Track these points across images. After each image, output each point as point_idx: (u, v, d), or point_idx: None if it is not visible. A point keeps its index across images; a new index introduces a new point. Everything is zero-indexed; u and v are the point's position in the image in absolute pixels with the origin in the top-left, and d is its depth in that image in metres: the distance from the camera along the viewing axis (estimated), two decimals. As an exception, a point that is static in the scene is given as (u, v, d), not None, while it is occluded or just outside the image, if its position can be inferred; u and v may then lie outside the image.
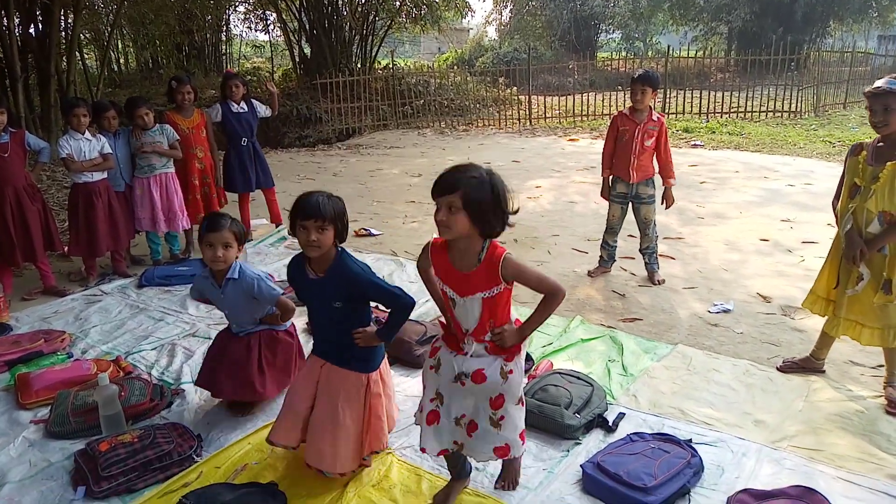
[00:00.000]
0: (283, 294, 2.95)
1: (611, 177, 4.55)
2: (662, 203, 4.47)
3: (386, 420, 2.56)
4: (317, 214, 2.28)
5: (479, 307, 2.09)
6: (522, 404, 2.23)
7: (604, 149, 4.54)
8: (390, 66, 15.08)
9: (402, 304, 2.39)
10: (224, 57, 19.58)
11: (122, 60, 18.99)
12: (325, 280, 2.39)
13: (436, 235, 2.14)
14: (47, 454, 2.70)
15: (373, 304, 2.54)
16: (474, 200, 1.93)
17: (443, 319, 2.28)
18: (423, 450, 2.24)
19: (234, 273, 2.84)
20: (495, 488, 2.40)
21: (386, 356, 2.65)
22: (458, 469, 2.38)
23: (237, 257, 2.86)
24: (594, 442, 2.70)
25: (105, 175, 4.69)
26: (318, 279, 2.41)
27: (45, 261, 4.60)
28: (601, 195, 4.65)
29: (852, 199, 2.98)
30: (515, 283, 2.11)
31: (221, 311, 3.08)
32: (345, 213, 2.41)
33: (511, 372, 2.16)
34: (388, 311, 2.45)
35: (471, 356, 2.16)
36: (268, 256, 5.37)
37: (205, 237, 2.78)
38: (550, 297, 2.10)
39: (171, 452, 2.60)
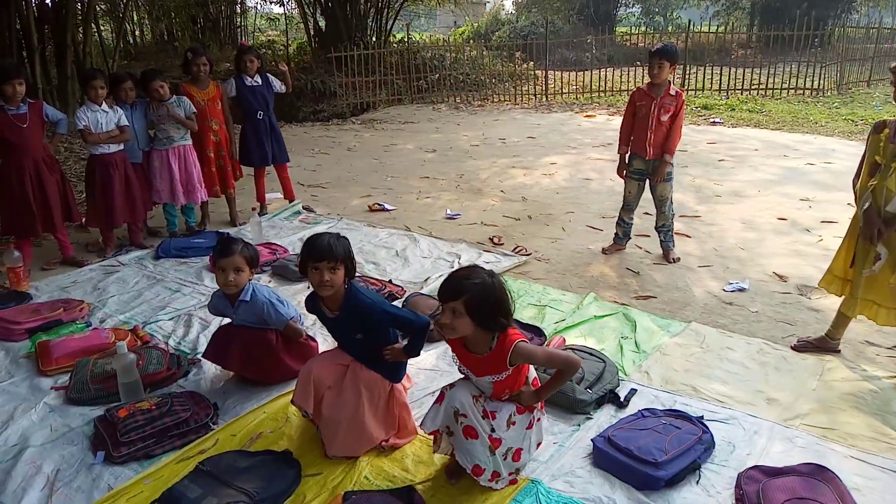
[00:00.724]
0: (292, 319, 3.00)
1: (628, 153, 4.49)
2: (662, 179, 4.37)
3: (411, 419, 2.62)
4: (329, 256, 2.36)
5: (492, 386, 2.23)
6: (513, 458, 2.24)
7: (622, 125, 4.48)
8: (405, 39, 14.93)
9: (417, 328, 2.46)
10: (239, 30, 19.46)
11: (137, 32, 18.93)
12: (342, 317, 2.50)
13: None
14: (68, 419, 2.77)
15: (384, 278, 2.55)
16: (476, 306, 2.05)
17: None
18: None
19: (245, 296, 2.91)
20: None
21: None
22: None
23: (249, 279, 2.93)
24: (605, 417, 2.71)
25: (122, 147, 4.71)
26: (335, 317, 2.52)
27: (64, 231, 4.66)
28: (617, 172, 4.60)
29: (872, 177, 2.94)
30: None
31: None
32: (352, 253, 2.48)
33: (514, 424, 2.24)
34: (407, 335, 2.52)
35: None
36: (283, 230, 5.39)
37: (217, 262, 2.86)
38: (564, 372, 2.20)
39: (188, 420, 2.65)
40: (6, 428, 2.71)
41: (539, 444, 2.42)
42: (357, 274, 3.90)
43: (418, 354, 2.55)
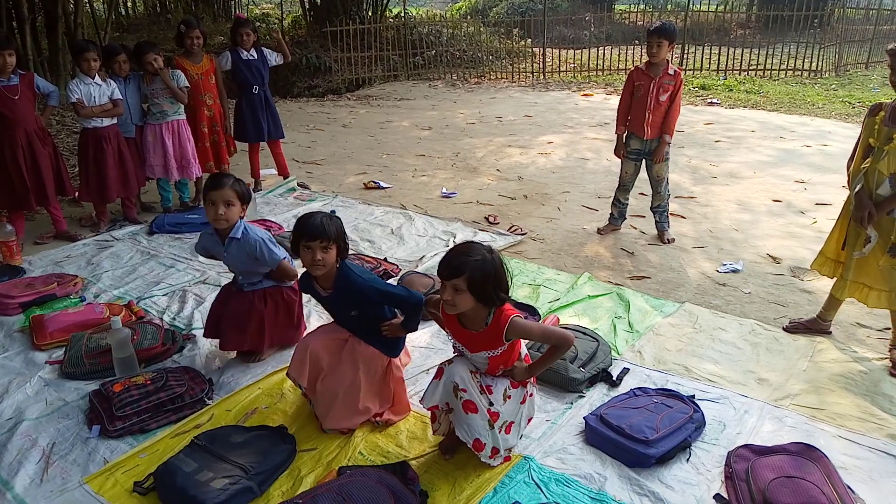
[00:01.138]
0: (284, 259, 2.96)
1: (625, 133, 4.47)
2: (662, 160, 4.36)
3: (405, 395, 2.65)
4: (321, 235, 2.36)
5: (487, 361, 2.25)
6: (505, 430, 2.27)
7: (619, 104, 4.45)
8: (402, 14, 14.74)
9: (411, 305, 2.46)
10: (233, 2, 19.15)
11: (129, 4, 18.63)
12: (335, 296, 2.51)
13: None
14: (62, 394, 2.78)
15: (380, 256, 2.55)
16: (477, 282, 2.08)
17: None
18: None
19: (237, 233, 2.86)
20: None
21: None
22: None
23: (241, 216, 2.88)
24: (598, 396, 2.74)
25: (115, 121, 4.66)
26: (329, 295, 2.52)
27: (57, 205, 4.63)
28: (615, 153, 4.59)
29: (866, 159, 2.94)
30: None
31: (227, 266, 3.10)
32: (345, 233, 2.47)
33: (509, 398, 2.27)
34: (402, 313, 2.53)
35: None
36: (277, 206, 5.37)
37: (207, 195, 2.80)
38: (558, 348, 2.23)
39: (184, 395, 2.66)
40: (1, 401, 2.72)
41: (530, 420, 2.45)
42: (352, 251, 3.92)
43: (416, 329, 2.56)
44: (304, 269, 2.52)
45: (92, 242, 4.57)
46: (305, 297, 3.23)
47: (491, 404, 2.23)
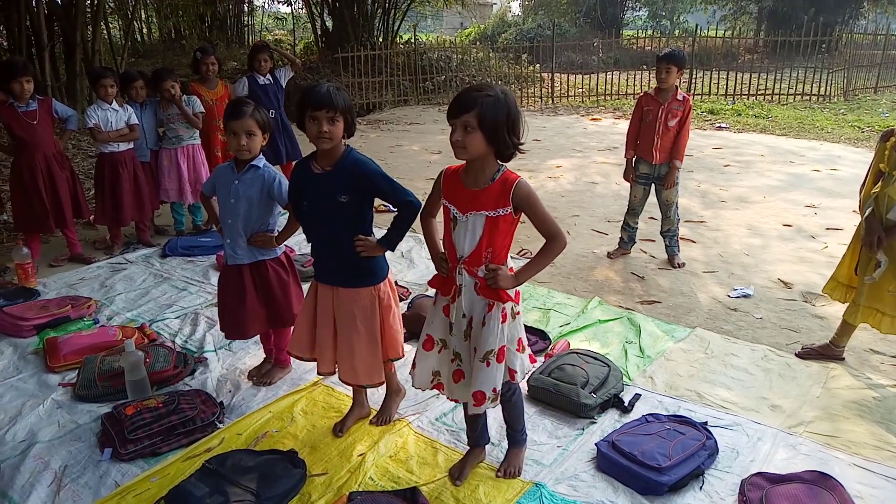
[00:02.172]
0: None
1: (634, 158, 4.50)
2: (672, 185, 4.37)
3: (399, 328, 2.61)
4: (328, 104, 2.24)
5: (481, 228, 2.07)
6: (496, 359, 2.12)
7: (628, 129, 4.49)
8: (412, 40, 14.95)
9: (410, 200, 2.39)
10: (246, 28, 19.53)
11: (145, 30, 19.02)
12: (334, 172, 2.36)
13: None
14: (75, 416, 2.79)
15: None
16: (490, 119, 1.93)
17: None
18: (455, 400, 2.33)
19: (258, 162, 2.78)
20: (496, 476, 2.39)
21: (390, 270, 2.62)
22: (476, 437, 2.42)
23: (262, 146, 2.79)
24: (609, 422, 2.72)
25: (131, 145, 4.74)
26: (324, 173, 2.37)
27: (73, 228, 4.69)
28: (624, 177, 4.60)
29: (877, 184, 2.95)
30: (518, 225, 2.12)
31: (221, 220, 2.90)
32: (353, 107, 2.37)
33: (484, 325, 2.13)
34: (395, 211, 2.45)
35: (462, 298, 2.14)
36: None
37: (228, 125, 2.69)
38: (550, 243, 2.09)
39: (195, 418, 2.67)
40: (14, 423, 2.74)
41: (530, 358, 2.29)
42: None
43: (394, 247, 2.47)
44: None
45: (106, 265, 4.62)
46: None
47: (475, 351, 2.14)
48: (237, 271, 2.87)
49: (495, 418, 2.58)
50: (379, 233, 2.50)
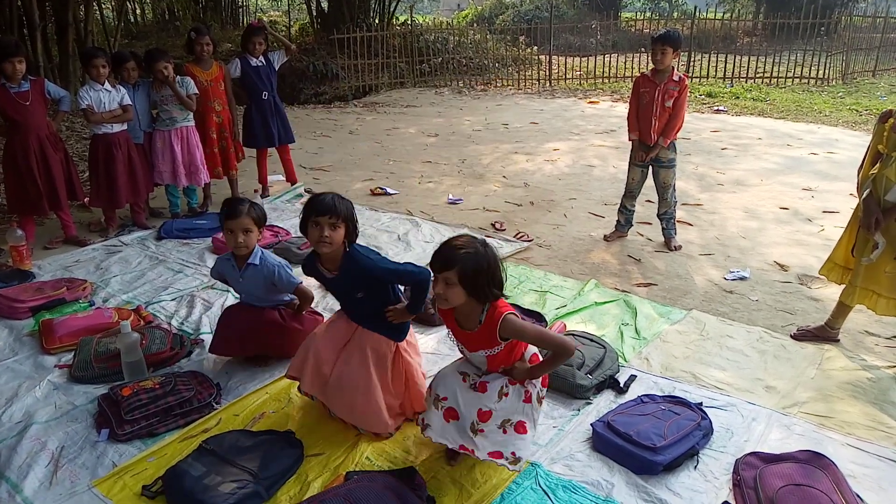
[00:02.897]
0: (301, 283, 2.98)
1: (636, 139, 4.46)
2: (660, 164, 4.37)
3: (423, 383, 2.61)
4: (331, 211, 2.35)
5: (486, 359, 2.24)
6: (515, 430, 2.20)
7: (628, 112, 4.46)
8: (409, 22, 14.81)
9: (418, 280, 2.45)
10: (241, 10, 19.32)
11: (138, 11, 18.79)
12: (341, 277, 2.49)
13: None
14: (72, 397, 2.79)
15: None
16: (469, 275, 2.05)
17: None
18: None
19: (255, 259, 2.89)
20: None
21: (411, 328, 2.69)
22: None
23: (258, 240, 2.92)
24: (605, 402, 2.73)
25: (125, 127, 4.70)
26: (334, 277, 2.51)
27: (67, 210, 4.66)
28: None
29: (875, 166, 2.94)
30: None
31: (238, 294, 3.14)
32: (355, 216, 2.47)
33: (507, 395, 2.22)
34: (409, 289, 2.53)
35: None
36: (284, 212, 5.39)
37: (225, 224, 2.83)
38: (557, 355, 2.18)
39: (192, 399, 2.67)
40: (11, 405, 2.74)
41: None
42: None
43: (421, 310, 2.55)
44: (310, 250, 2.55)
45: (101, 247, 4.60)
46: (317, 293, 3.24)
47: (483, 404, 2.19)
48: (261, 308, 3.01)
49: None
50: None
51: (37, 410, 2.70)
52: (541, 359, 2.31)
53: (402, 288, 2.71)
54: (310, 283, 2.98)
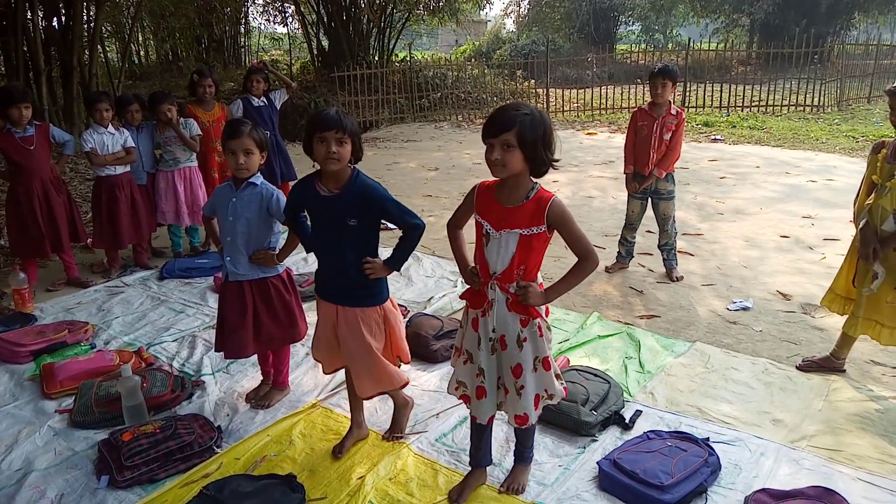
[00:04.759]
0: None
1: (633, 171, 4.49)
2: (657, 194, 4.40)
3: (404, 339, 2.65)
4: (337, 125, 2.28)
5: (515, 245, 2.10)
6: (548, 367, 2.20)
7: (625, 144, 4.50)
8: (408, 58, 15.06)
9: (416, 223, 2.44)
10: (243, 49, 19.69)
11: (142, 53, 19.17)
12: (341, 195, 2.38)
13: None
14: (72, 443, 2.76)
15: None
16: (529, 137, 1.97)
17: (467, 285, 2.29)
18: (473, 418, 2.33)
19: (256, 179, 2.80)
20: (499, 492, 2.38)
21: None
22: (479, 457, 2.40)
23: (261, 164, 2.82)
24: (611, 439, 2.70)
25: (128, 168, 4.75)
26: (331, 195, 2.39)
27: (70, 252, 4.68)
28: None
29: (870, 196, 2.96)
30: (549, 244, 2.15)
31: (221, 238, 2.92)
32: (360, 132, 2.41)
33: (525, 340, 2.17)
34: (400, 233, 2.50)
35: (494, 313, 2.17)
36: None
37: (226, 144, 2.73)
38: (583, 262, 2.12)
39: (192, 443, 2.64)
40: (10, 452, 2.71)
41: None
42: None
43: (399, 268, 2.52)
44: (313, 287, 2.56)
45: (103, 289, 4.61)
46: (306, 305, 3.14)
47: (512, 360, 2.18)
48: (238, 287, 2.88)
49: (496, 437, 2.57)
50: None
51: (36, 457, 2.67)
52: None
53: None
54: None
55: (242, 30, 19.46)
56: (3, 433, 2.86)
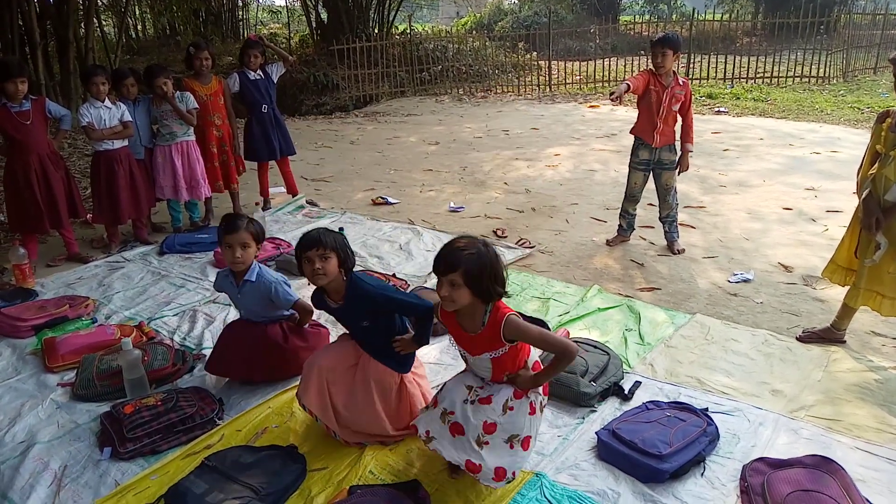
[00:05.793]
0: (299, 300, 2.98)
1: (634, 143, 4.44)
2: (676, 168, 4.39)
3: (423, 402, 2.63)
4: (316, 244, 2.37)
5: (490, 364, 2.21)
6: (521, 446, 2.17)
7: (632, 76, 4.31)
8: (408, 31, 14.88)
9: (421, 312, 2.44)
10: (241, 23, 19.43)
11: (139, 27, 18.94)
12: (347, 306, 2.50)
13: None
14: (74, 416, 2.79)
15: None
16: (474, 275, 2.05)
17: None
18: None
19: (251, 275, 2.89)
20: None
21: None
22: None
23: (256, 256, 2.92)
24: (610, 410, 2.71)
25: (126, 143, 4.72)
26: (339, 306, 2.52)
27: (70, 228, 4.67)
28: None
29: (874, 166, 2.93)
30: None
31: (238, 310, 3.13)
32: (347, 245, 2.47)
33: (511, 409, 2.18)
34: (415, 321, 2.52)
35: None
36: (286, 224, 5.39)
37: (223, 239, 2.84)
38: (559, 358, 2.15)
39: (194, 415, 2.66)
40: (14, 425, 2.73)
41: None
42: (361, 267, 3.92)
43: (428, 341, 2.55)
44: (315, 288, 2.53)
45: (103, 264, 4.61)
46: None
47: (487, 417, 2.15)
48: (262, 325, 2.99)
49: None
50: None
51: (39, 430, 2.69)
52: (543, 367, 2.29)
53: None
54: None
55: (240, 3, 19.21)
56: (6, 407, 2.88)
